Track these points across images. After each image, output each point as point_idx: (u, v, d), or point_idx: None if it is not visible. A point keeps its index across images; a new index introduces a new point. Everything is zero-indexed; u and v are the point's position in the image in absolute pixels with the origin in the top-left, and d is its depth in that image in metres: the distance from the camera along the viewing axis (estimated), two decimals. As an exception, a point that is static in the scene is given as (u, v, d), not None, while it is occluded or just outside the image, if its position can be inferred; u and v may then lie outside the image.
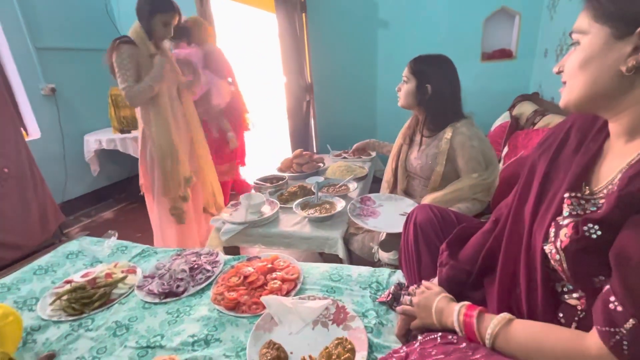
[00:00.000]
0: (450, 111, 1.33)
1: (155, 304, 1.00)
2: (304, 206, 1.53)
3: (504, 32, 2.56)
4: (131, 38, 1.59)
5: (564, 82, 0.55)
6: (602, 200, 0.51)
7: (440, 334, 0.65)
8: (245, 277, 1.03)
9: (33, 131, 2.66)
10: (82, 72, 2.95)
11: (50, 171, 2.61)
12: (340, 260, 1.34)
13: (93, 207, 3.03)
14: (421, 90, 1.32)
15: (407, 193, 1.55)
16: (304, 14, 2.75)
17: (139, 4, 1.59)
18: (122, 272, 1.13)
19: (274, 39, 2.86)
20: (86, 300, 1.00)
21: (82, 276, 1.10)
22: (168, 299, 1.01)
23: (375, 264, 1.31)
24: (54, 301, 1.00)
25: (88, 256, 1.28)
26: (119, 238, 1.39)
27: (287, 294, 0.97)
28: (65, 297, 1.00)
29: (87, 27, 2.99)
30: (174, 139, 1.71)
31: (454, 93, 1.33)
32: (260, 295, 0.94)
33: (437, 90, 1.30)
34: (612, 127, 0.54)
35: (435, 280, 0.81)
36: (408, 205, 1.41)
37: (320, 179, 1.85)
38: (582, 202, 0.53)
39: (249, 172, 3.67)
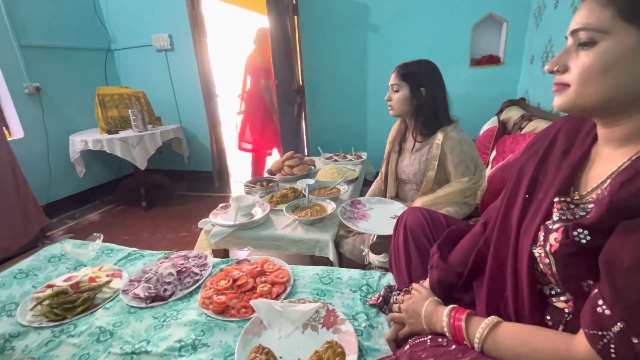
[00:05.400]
0: (442, 114, 1.33)
1: (141, 308, 0.97)
2: (295, 209, 1.52)
3: (492, 39, 2.61)
4: None
5: (564, 84, 0.51)
6: (591, 205, 0.51)
7: (430, 336, 0.65)
8: (235, 281, 1.02)
9: (16, 130, 2.58)
10: (68, 71, 2.89)
11: (34, 172, 2.54)
12: (330, 263, 1.33)
13: (78, 209, 2.95)
14: (416, 95, 1.31)
15: (399, 198, 1.55)
16: (295, 17, 2.75)
17: None
18: (107, 275, 1.10)
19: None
20: (69, 305, 0.97)
21: (65, 280, 1.06)
22: (154, 303, 0.98)
23: (366, 266, 1.31)
24: (35, 306, 0.97)
25: (71, 260, 1.24)
26: (104, 241, 1.35)
27: (277, 297, 0.96)
28: (46, 302, 0.97)
29: (75, 25, 2.93)
30: None
31: (444, 95, 1.34)
32: (250, 299, 0.93)
33: (431, 94, 1.30)
34: (604, 132, 0.53)
35: (425, 282, 0.81)
36: (398, 208, 1.42)
37: (311, 181, 1.84)
38: (572, 206, 0.53)
39: (240, 175, 3.65)
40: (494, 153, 1.81)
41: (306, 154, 3.02)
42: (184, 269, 1.10)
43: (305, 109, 3.02)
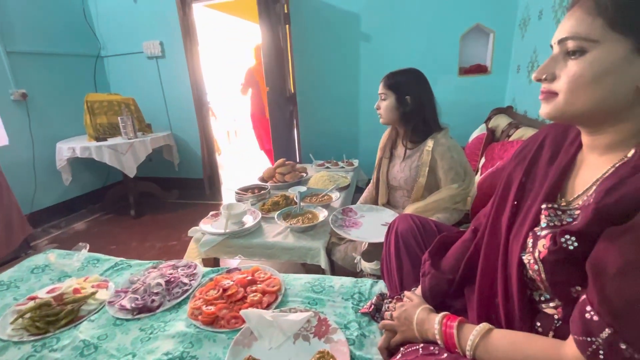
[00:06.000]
0: (431, 121, 1.35)
1: (128, 320, 0.95)
2: (286, 216, 1.51)
3: (480, 48, 2.67)
4: None
5: (552, 93, 0.51)
6: (578, 212, 0.51)
7: (422, 345, 0.65)
8: (224, 290, 1.00)
9: (0, 137, 2.52)
10: (56, 77, 2.85)
11: (18, 180, 2.47)
12: (322, 271, 1.32)
13: (63, 218, 2.88)
14: (402, 103, 1.34)
15: (390, 205, 1.56)
16: (287, 26, 2.77)
17: None
18: (93, 286, 1.07)
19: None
20: (52, 318, 0.93)
21: (48, 292, 1.03)
22: (141, 315, 0.96)
23: (358, 274, 1.30)
24: (16, 319, 0.93)
25: (55, 270, 1.21)
26: (90, 251, 1.32)
27: (268, 306, 0.95)
28: (28, 315, 0.93)
29: (63, 31, 2.90)
30: None
31: (432, 102, 1.36)
32: (240, 309, 0.91)
33: (417, 101, 1.33)
34: (588, 140, 0.54)
35: (417, 289, 0.81)
36: (389, 215, 1.42)
37: (303, 188, 1.84)
38: (559, 212, 0.53)
39: (231, 182, 3.62)
40: (483, 160, 1.84)
41: (298, 161, 3.02)
42: (172, 279, 1.08)
43: (297, 116, 3.03)
